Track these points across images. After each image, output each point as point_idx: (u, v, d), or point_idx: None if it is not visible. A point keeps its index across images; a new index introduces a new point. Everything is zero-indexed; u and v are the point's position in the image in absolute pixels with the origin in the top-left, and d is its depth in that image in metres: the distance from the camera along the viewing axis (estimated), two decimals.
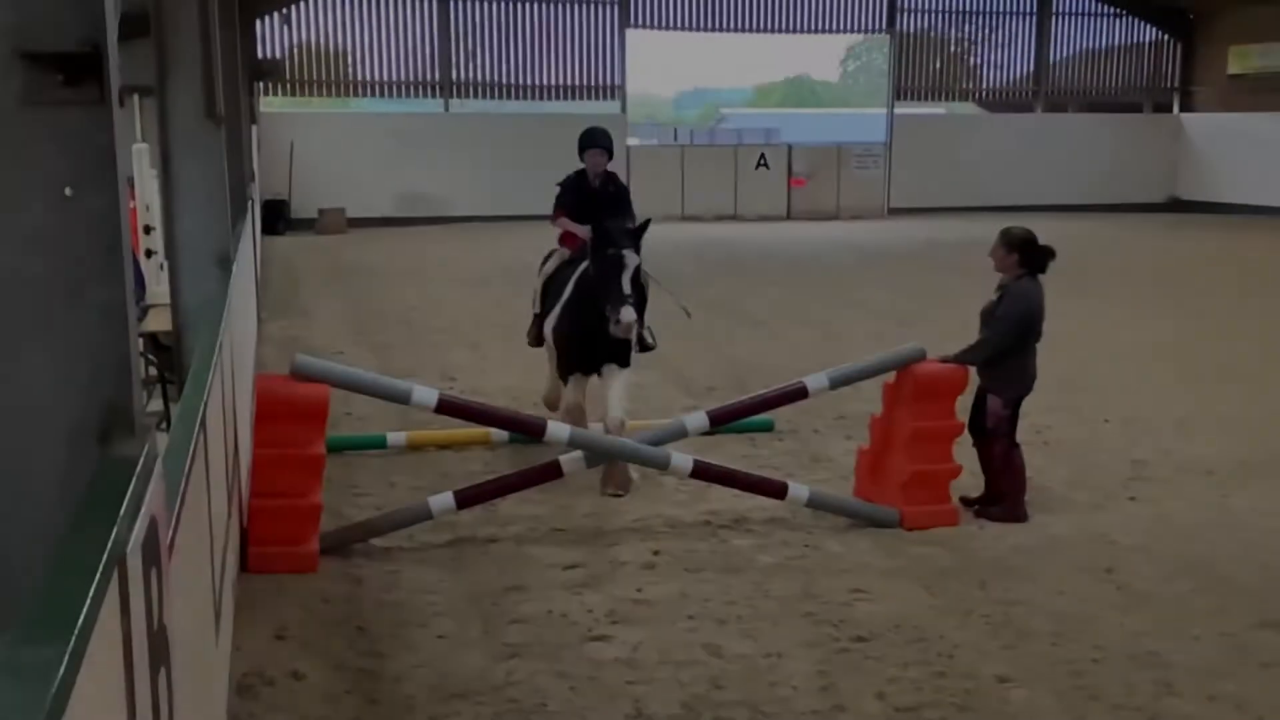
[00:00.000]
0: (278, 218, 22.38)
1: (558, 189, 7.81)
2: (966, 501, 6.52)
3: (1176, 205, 28.62)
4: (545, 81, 26.06)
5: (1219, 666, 4.68)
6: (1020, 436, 6.56)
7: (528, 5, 25.62)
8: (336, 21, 24.76)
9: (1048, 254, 6.35)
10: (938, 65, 28.87)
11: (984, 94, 30.21)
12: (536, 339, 8.08)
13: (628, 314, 6.56)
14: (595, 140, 7.71)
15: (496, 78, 25.89)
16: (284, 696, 4.33)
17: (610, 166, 7.79)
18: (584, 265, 7.06)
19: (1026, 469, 6.54)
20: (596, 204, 7.45)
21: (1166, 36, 29.36)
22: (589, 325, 6.84)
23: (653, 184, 25.61)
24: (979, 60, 29.42)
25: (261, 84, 23.53)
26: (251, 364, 8.69)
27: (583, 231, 7.27)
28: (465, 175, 24.53)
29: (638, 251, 6.74)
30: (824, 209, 26.83)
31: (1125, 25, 29.28)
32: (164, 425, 6.78)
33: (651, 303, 7.49)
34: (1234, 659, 4.76)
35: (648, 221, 6.95)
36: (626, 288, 6.62)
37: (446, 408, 6.03)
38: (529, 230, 22.66)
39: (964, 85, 29.52)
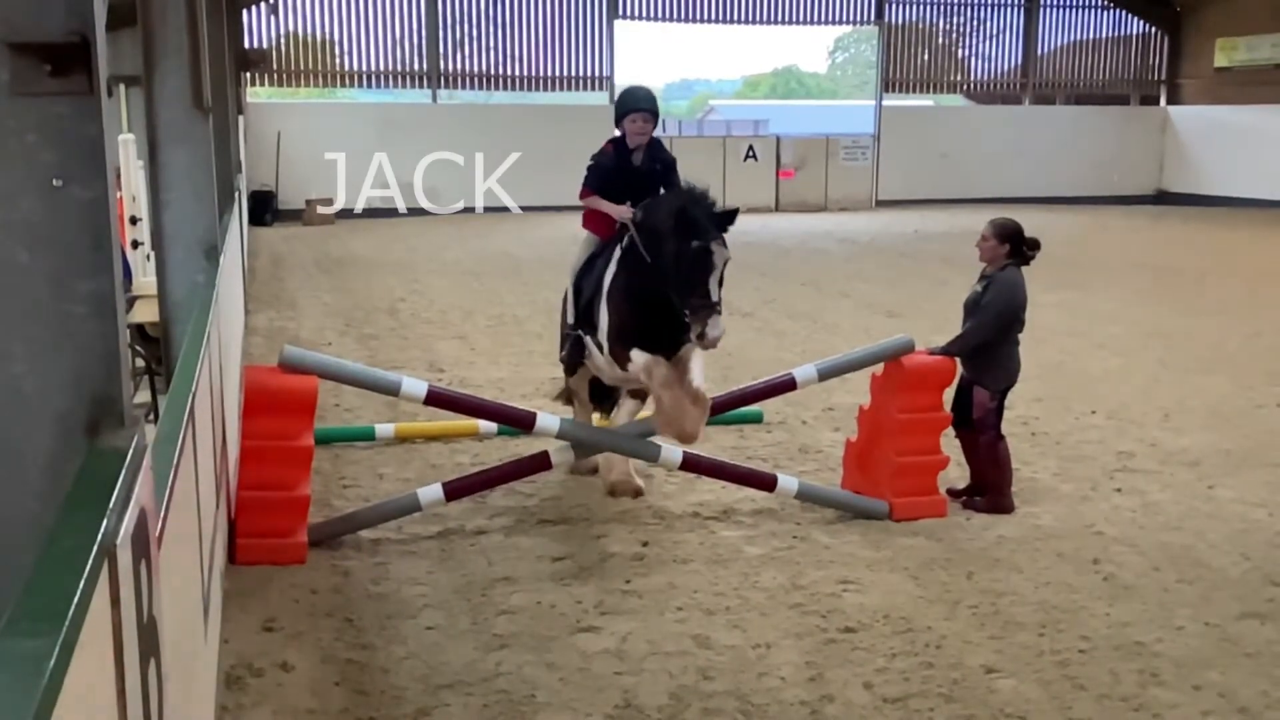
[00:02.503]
0: (265, 208, 22.31)
1: (590, 164, 6.39)
2: (953, 493, 6.55)
3: (1163, 198, 28.73)
4: (533, 73, 26.01)
5: (1204, 656, 4.72)
6: (1007, 428, 6.59)
7: None
8: (324, 11, 24.65)
9: (1034, 245, 6.41)
10: (926, 57, 28.90)
11: (972, 86, 30.24)
12: (572, 360, 6.51)
13: (716, 327, 5.35)
14: (638, 102, 6.23)
15: (484, 68, 25.83)
16: (272, 688, 4.33)
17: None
18: (625, 240, 5.91)
19: (1013, 460, 6.58)
20: (640, 183, 6.14)
21: (1153, 29, 29.44)
22: (650, 305, 5.72)
23: None
24: (967, 52, 29.46)
25: (248, 74, 23.42)
26: (239, 355, 8.67)
27: (619, 212, 6.05)
28: (453, 166, 24.46)
29: (724, 243, 5.52)
30: (812, 200, 26.85)
31: (1112, 18, 29.35)
32: (152, 417, 6.77)
33: None
34: (1219, 649, 4.79)
35: (736, 210, 5.69)
36: (715, 293, 5.42)
37: (436, 399, 6.02)
38: (517, 222, 22.70)
39: (952, 77, 29.57)
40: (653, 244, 5.73)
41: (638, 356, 5.76)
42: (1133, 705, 4.32)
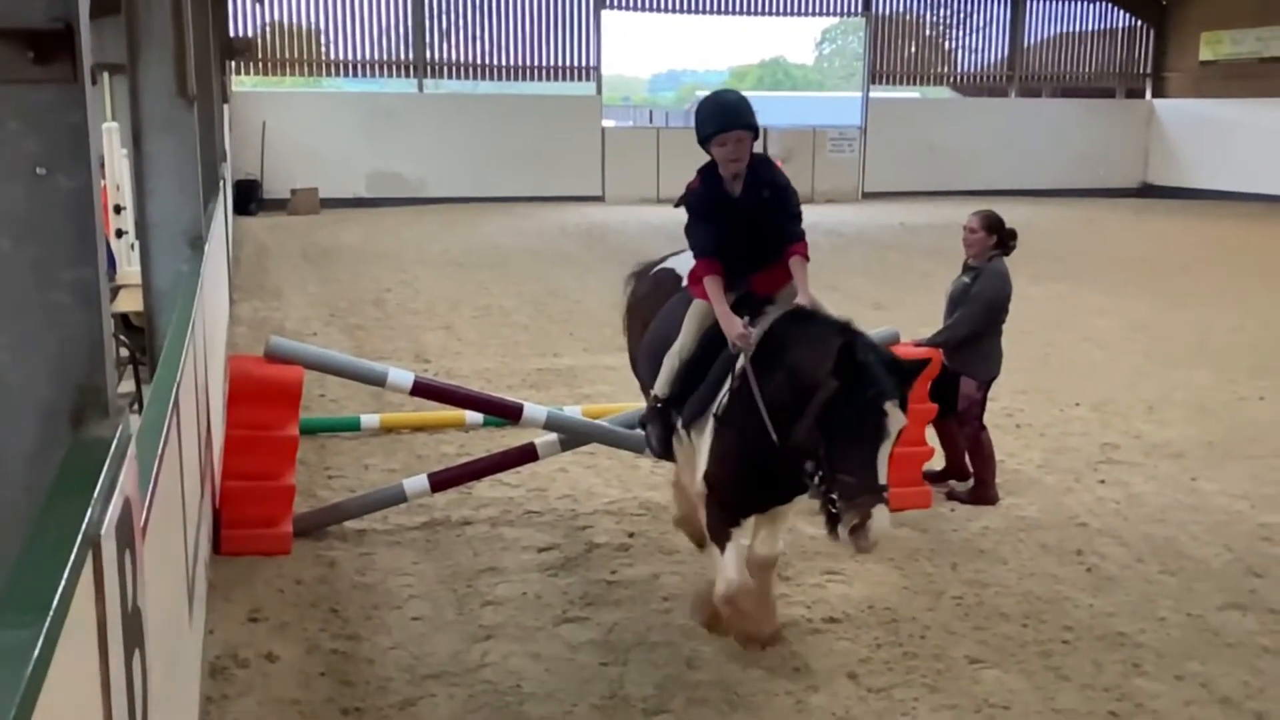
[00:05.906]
0: (250, 198, 22.22)
1: (682, 209, 4.73)
2: (929, 477, 6.57)
3: (1148, 191, 28.83)
4: (520, 62, 25.94)
5: (1186, 647, 4.75)
6: (991, 419, 6.61)
7: None
8: (309, 0, 24.53)
9: (1013, 235, 6.51)
10: (913, 49, 28.92)
11: (959, 78, 30.29)
12: (665, 447, 4.86)
13: (883, 519, 3.83)
14: (726, 115, 4.53)
15: (471, 58, 25.75)
16: (257, 678, 4.32)
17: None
18: (739, 371, 4.40)
19: (997, 452, 6.60)
20: (745, 222, 4.62)
21: (1139, 22, 29.52)
22: (761, 454, 4.30)
23: (627, 166, 25.61)
24: (954, 44, 29.50)
25: (233, 63, 23.29)
26: (224, 345, 8.64)
27: (733, 330, 4.41)
28: (439, 156, 24.42)
29: (905, 405, 3.96)
30: (798, 192, 26.82)
31: (1099, 10, 29.41)
32: (136, 406, 6.74)
33: None
34: (1200, 639, 4.82)
35: (926, 361, 4.34)
36: (883, 473, 3.89)
37: (422, 390, 6.01)
38: (504, 212, 22.66)
39: (939, 69, 29.60)
40: (781, 390, 4.20)
41: (728, 577, 4.47)
42: (1115, 695, 4.35)
